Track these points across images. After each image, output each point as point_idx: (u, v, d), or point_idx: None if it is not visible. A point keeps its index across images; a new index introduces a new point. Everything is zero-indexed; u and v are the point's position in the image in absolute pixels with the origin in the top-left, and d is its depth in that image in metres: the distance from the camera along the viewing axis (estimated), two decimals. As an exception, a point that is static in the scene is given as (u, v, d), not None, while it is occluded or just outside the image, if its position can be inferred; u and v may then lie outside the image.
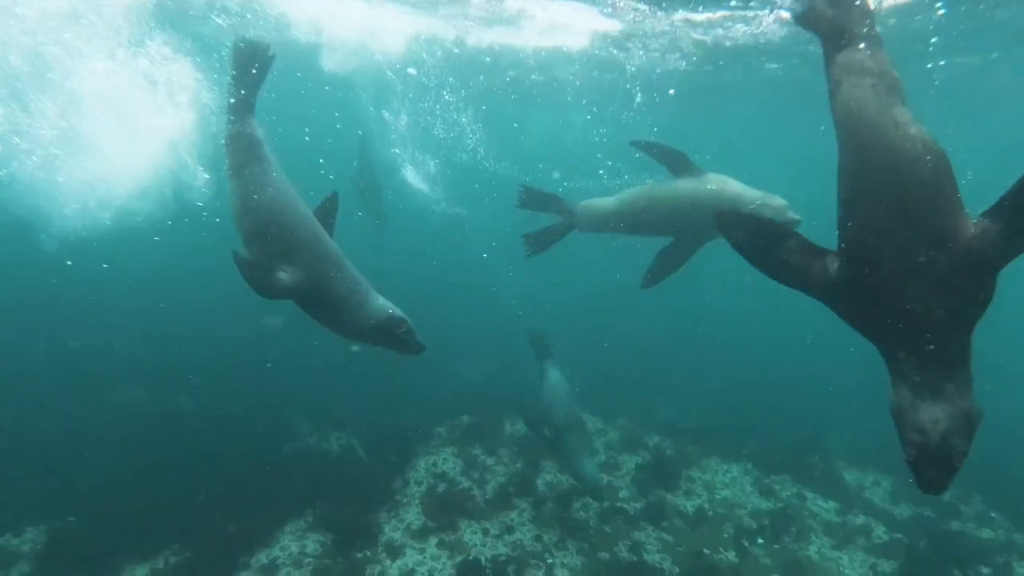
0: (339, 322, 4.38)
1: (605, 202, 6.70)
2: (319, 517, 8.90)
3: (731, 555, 9.18)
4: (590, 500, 9.65)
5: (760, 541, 9.61)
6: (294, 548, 8.37)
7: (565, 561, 8.58)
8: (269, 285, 4.09)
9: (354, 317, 4.29)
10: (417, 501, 9.50)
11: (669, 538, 9.43)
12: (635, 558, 8.81)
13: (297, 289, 4.19)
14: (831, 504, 10.80)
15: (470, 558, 8.28)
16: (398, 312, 4.34)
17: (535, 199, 6.91)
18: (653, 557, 8.89)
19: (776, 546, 9.53)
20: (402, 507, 9.35)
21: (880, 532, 10.01)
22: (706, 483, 11.06)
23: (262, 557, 8.16)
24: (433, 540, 8.64)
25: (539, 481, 10.43)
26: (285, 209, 4.43)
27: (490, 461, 11.03)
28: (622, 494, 10.39)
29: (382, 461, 10.67)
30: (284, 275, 4.14)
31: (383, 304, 4.36)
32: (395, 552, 8.39)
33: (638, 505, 10.08)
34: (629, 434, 12.65)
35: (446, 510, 9.25)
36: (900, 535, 9.94)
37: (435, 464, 10.71)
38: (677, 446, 12.35)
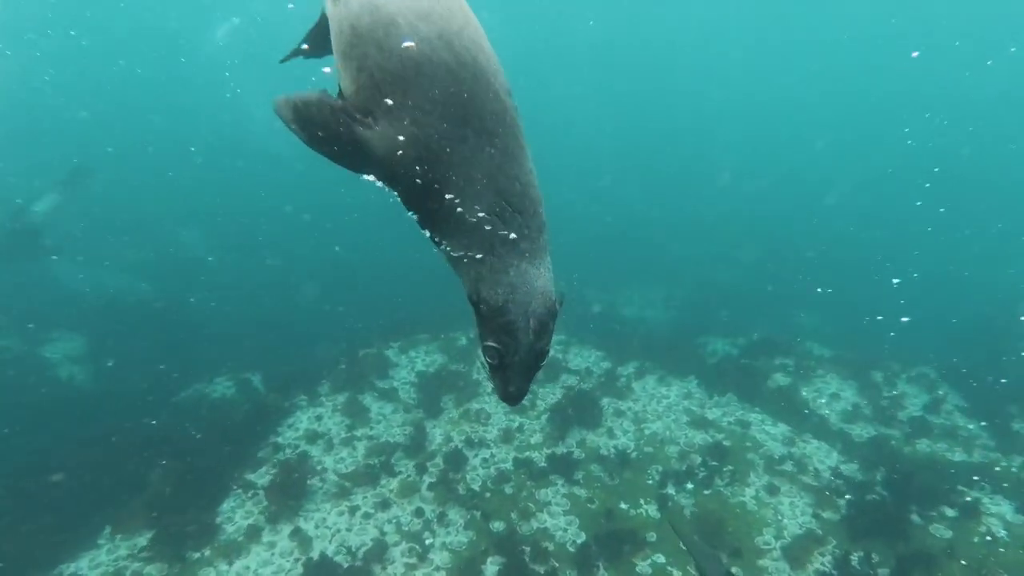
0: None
1: None
2: (158, 501, 7.50)
3: (651, 509, 7.83)
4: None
5: (689, 487, 8.23)
6: (123, 550, 7.03)
7: (447, 540, 7.24)
8: None
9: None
10: (278, 474, 8.00)
11: (582, 493, 8.04)
12: (534, 527, 7.47)
13: None
14: (780, 429, 9.32)
15: (327, 552, 6.94)
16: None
17: None
18: (557, 522, 7.53)
19: (707, 491, 8.15)
20: (257, 488, 7.88)
21: (830, 463, 8.59)
22: (635, 415, 9.54)
23: (84, 564, 6.85)
24: (286, 530, 7.26)
25: (436, 432, 8.94)
26: None
27: (386, 409, 9.49)
28: (534, 439, 8.92)
29: (263, 414, 9.19)
30: None
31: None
32: (237, 550, 7.03)
33: (556, 451, 8.64)
34: (557, 357, 11.01)
35: (311, 485, 7.82)
36: (855, 465, 8.52)
37: (318, 419, 9.20)
38: (611, 368, 10.75)
